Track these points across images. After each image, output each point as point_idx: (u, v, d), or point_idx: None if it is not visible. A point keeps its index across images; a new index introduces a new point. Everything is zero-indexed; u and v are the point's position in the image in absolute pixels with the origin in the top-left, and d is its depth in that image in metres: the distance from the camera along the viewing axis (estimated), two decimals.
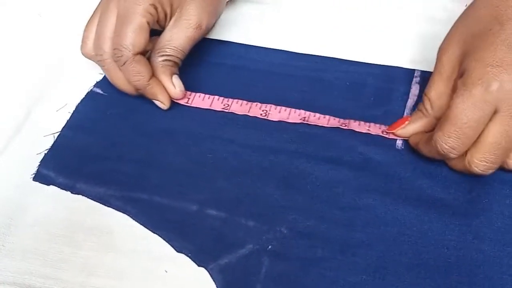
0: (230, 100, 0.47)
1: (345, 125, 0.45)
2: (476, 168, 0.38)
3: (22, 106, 0.47)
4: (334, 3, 0.55)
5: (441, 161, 0.42)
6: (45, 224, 0.40)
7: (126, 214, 0.40)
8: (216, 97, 0.47)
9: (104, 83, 0.48)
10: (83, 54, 0.47)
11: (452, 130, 0.38)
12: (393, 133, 0.44)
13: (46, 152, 0.44)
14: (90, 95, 0.48)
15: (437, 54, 0.42)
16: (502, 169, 0.40)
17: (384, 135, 0.44)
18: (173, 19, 0.46)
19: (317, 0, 0.56)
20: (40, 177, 0.42)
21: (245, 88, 0.48)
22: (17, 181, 0.42)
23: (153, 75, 0.45)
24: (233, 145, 0.44)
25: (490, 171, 0.39)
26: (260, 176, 0.42)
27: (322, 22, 0.54)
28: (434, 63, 0.46)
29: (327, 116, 0.45)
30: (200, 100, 0.47)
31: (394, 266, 0.37)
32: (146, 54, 0.46)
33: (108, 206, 0.41)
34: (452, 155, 0.39)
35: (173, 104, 0.47)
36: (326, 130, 0.44)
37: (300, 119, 0.45)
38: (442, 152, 0.39)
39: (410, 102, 0.46)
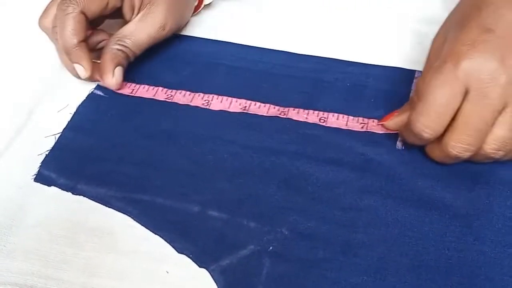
0: (174, 91, 0.48)
1: (284, 114, 0.45)
2: (452, 150, 0.38)
3: (23, 106, 0.47)
4: (334, 3, 0.55)
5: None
6: (47, 225, 0.40)
7: (127, 215, 0.40)
8: (160, 88, 0.48)
9: None
10: (40, 26, 0.48)
11: (423, 108, 0.38)
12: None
13: (47, 153, 0.44)
14: (91, 96, 0.48)
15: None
16: (479, 158, 0.40)
17: (320, 123, 0.45)
18: (141, 13, 0.48)
19: (317, 0, 0.56)
20: (41, 178, 0.42)
21: (246, 89, 0.48)
22: (18, 181, 0.42)
23: (84, 41, 0.46)
24: (234, 146, 0.44)
25: (467, 154, 0.38)
26: (261, 177, 0.42)
27: (322, 22, 0.54)
28: None
29: (267, 105, 0.46)
30: (144, 91, 0.48)
31: (395, 267, 0.37)
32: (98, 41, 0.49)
33: (109, 207, 0.41)
34: (425, 135, 0.39)
35: (173, 105, 0.47)
36: (326, 131, 0.45)
37: (241, 108, 0.46)
38: (416, 131, 0.39)
39: None
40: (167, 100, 0.47)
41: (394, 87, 0.47)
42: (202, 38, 0.53)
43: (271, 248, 0.38)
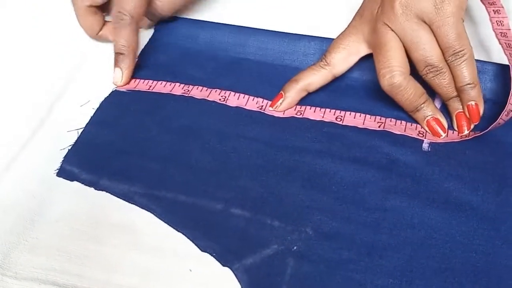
0: (191, 86, 0.47)
1: (300, 113, 0.45)
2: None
3: (45, 101, 0.47)
4: None
5: (469, 164, 0.41)
6: (69, 220, 0.40)
7: (150, 212, 0.40)
8: (177, 84, 0.48)
9: None
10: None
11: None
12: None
13: (69, 147, 0.44)
14: (114, 93, 0.47)
15: None
16: None
17: (337, 122, 0.44)
18: None
19: None
20: (63, 172, 0.42)
21: (266, 87, 0.47)
22: (41, 176, 0.42)
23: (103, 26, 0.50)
24: (258, 144, 0.43)
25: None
26: (285, 176, 0.41)
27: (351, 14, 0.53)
28: None
29: None
30: (161, 87, 0.48)
31: (422, 270, 0.37)
32: None
33: (132, 203, 0.40)
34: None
35: (191, 100, 0.46)
36: (350, 130, 0.44)
37: (257, 107, 0.46)
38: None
39: None
40: (184, 94, 0.47)
41: None
42: (226, 24, 0.51)
43: (295, 248, 0.38)
